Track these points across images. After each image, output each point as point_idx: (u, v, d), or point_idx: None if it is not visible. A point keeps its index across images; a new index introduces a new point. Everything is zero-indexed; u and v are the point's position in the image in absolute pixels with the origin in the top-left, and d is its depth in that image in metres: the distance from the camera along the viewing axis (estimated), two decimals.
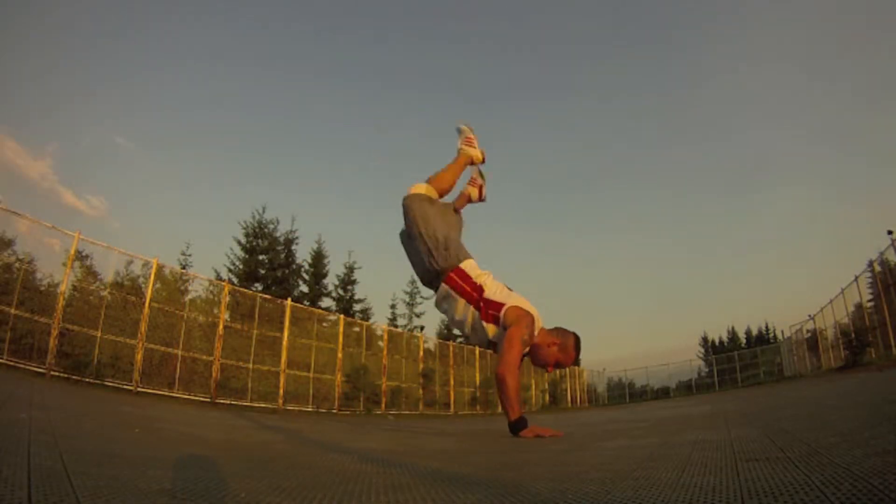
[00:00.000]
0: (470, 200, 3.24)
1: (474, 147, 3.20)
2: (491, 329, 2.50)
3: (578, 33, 55.58)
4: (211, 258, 42.85)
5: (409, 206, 2.78)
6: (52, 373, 7.40)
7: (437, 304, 2.75)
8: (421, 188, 2.91)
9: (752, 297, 59.27)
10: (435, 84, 54.60)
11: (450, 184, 3.04)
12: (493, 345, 2.62)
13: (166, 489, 0.99)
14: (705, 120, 56.22)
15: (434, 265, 2.63)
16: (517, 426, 2.37)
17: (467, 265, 2.67)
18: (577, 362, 2.63)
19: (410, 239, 2.79)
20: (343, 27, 49.61)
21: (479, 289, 2.54)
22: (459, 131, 3.22)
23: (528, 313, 2.48)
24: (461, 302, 2.60)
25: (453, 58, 54.38)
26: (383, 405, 13.59)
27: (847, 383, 5.33)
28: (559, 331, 2.67)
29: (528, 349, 2.56)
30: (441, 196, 3.00)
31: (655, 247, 61.05)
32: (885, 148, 50.85)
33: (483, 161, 3.21)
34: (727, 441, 1.50)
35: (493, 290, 2.58)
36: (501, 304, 2.52)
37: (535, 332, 2.56)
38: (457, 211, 3.15)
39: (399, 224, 3.03)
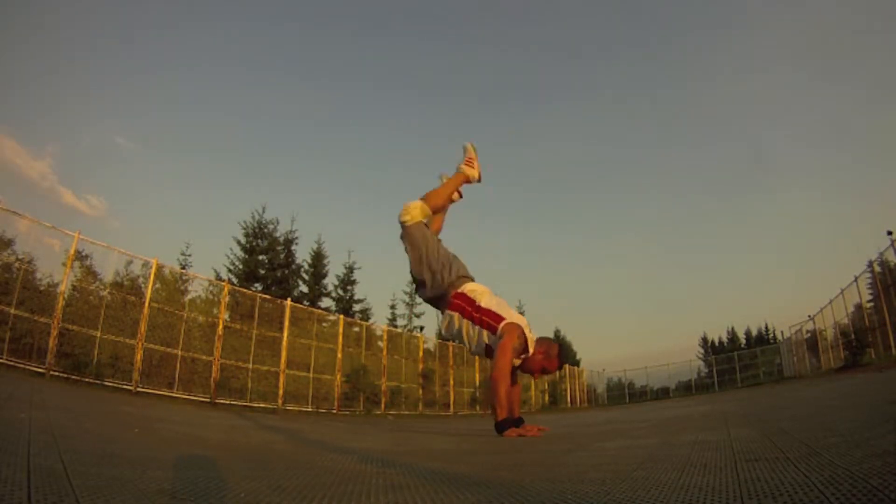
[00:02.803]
0: (468, 181, 3.36)
1: (473, 167, 3.31)
2: (487, 336, 2.73)
3: (578, 33, 55.61)
4: (211, 258, 42.75)
5: (411, 236, 2.93)
6: (52, 373, 7.39)
7: (444, 330, 2.94)
8: (416, 208, 3.03)
9: (752, 298, 59.31)
10: (435, 84, 54.59)
11: (444, 201, 3.19)
12: (490, 350, 2.81)
13: (166, 489, 0.99)
14: (706, 120, 56.27)
15: (438, 290, 2.86)
16: (503, 426, 2.62)
17: (466, 288, 2.92)
18: (560, 368, 2.85)
19: (414, 264, 2.95)
20: (343, 27, 49.63)
21: (478, 307, 2.80)
22: (464, 150, 3.31)
23: (520, 327, 2.74)
24: (465, 323, 2.86)
25: (453, 58, 54.39)
26: (383, 405, 13.59)
27: (847, 384, 5.33)
28: (544, 340, 2.96)
29: (521, 359, 2.80)
30: (435, 212, 3.11)
31: (655, 247, 61.10)
32: (885, 148, 50.87)
33: (479, 180, 3.28)
34: (727, 441, 1.50)
35: (491, 303, 2.84)
36: (501, 318, 2.79)
37: (529, 346, 2.82)
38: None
39: (397, 227, 3.08)
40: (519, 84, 56.31)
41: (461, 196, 3.36)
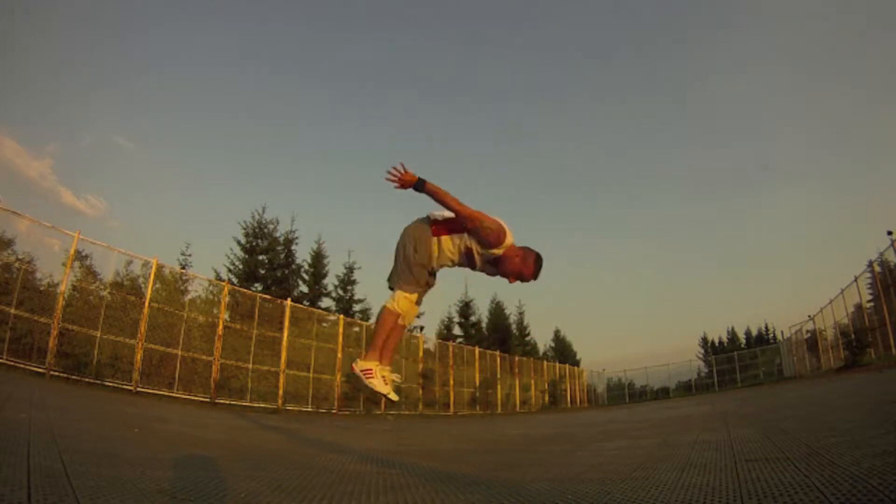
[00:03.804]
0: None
1: (372, 377, 2.83)
2: (473, 242, 2.64)
3: (579, 32, 55.61)
4: (211, 258, 42.74)
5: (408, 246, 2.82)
6: (52, 373, 7.39)
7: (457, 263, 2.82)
8: (400, 302, 2.84)
9: (752, 298, 59.18)
10: (435, 84, 54.59)
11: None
12: (471, 261, 2.74)
13: (166, 489, 0.99)
14: (706, 120, 56.24)
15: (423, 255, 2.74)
16: (419, 185, 2.47)
17: (436, 215, 2.83)
18: (535, 277, 2.71)
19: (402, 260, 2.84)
20: (343, 27, 49.63)
21: (456, 202, 2.68)
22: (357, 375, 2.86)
23: (504, 227, 2.69)
24: (446, 240, 2.78)
25: (453, 57, 54.39)
26: (383, 405, 13.59)
27: (847, 384, 5.32)
28: (524, 248, 2.86)
29: (492, 253, 2.67)
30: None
31: (655, 247, 61.06)
32: (885, 148, 50.85)
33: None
34: (727, 441, 1.50)
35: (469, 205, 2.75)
36: (482, 213, 2.73)
37: (506, 238, 2.72)
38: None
39: (405, 219, 3.01)
40: (518, 84, 56.30)
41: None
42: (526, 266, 2.76)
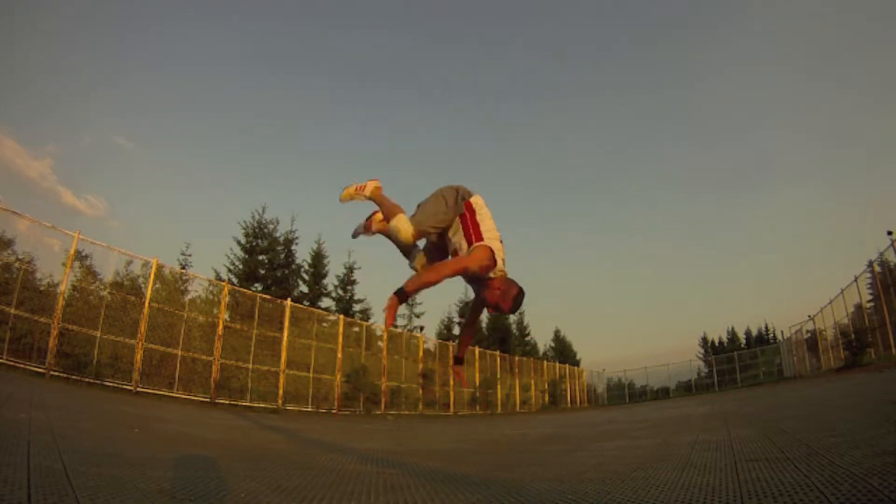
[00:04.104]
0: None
1: (366, 185, 3.13)
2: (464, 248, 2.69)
3: (578, 32, 55.60)
4: (211, 258, 42.75)
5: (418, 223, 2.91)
6: (52, 373, 7.39)
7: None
8: (401, 223, 2.94)
9: (752, 298, 59.13)
10: (435, 83, 54.58)
11: (396, 205, 3.08)
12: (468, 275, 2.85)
13: (166, 489, 0.99)
14: (706, 120, 56.23)
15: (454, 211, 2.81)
16: (402, 295, 2.47)
17: (475, 200, 2.91)
18: (513, 311, 2.83)
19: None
20: (344, 26, 49.62)
21: (474, 214, 2.73)
22: (350, 198, 3.14)
23: (490, 249, 2.68)
24: (460, 231, 2.86)
25: (454, 57, 54.37)
26: (383, 405, 13.59)
27: (847, 384, 5.32)
28: (508, 281, 2.90)
29: (471, 270, 2.74)
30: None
31: (655, 247, 61.04)
32: (885, 148, 50.84)
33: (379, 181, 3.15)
34: (727, 441, 1.50)
35: (487, 224, 2.75)
36: (480, 236, 2.71)
37: (499, 262, 2.78)
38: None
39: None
40: (518, 83, 56.30)
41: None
42: (504, 300, 2.81)
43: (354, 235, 3.20)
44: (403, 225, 2.73)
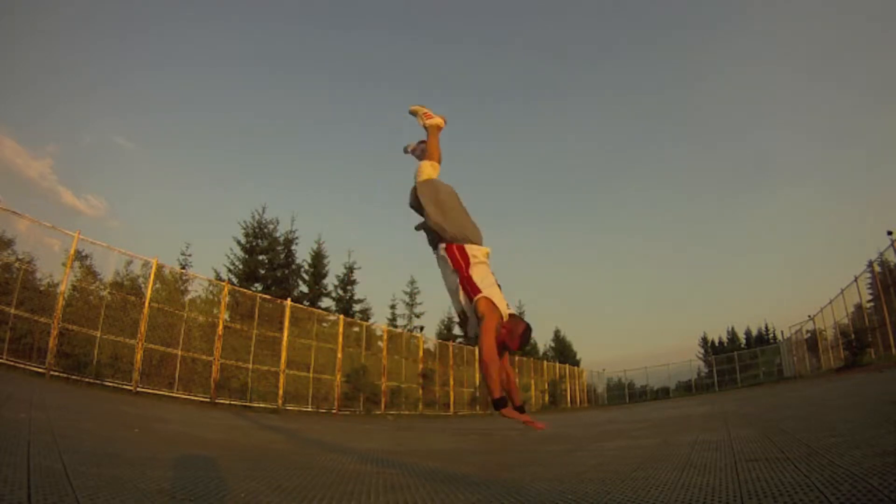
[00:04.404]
0: (441, 127, 3.59)
1: (433, 116, 3.53)
2: (463, 298, 2.86)
3: (578, 32, 55.57)
4: (211, 258, 42.72)
5: (423, 188, 3.13)
6: (52, 373, 7.39)
7: (438, 261, 3.08)
8: (427, 166, 3.24)
9: (752, 298, 59.11)
10: (435, 83, 54.56)
11: (440, 153, 3.41)
12: (463, 317, 2.93)
13: (166, 489, 0.99)
14: (706, 120, 56.20)
15: (443, 230, 3.03)
16: (498, 404, 2.72)
17: (471, 247, 3.06)
18: (521, 348, 2.94)
19: (428, 209, 3.10)
20: (344, 26, 49.60)
21: (468, 267, 2.94)
22: (414, 114, 3.51)
23: (495, 305, 2.79)
24: (451, 269, 3.01)
25: (453, 57, 54.34)
26: (383, 405, 13.59)
27: (847, 384, 5.32)
28: (514, 318, 3.02)
29: (500, 334, 2.87)
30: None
31: (655, 247, 61.02)
32: (885, 148, 50.82)
33: (446, 122, 3.49)
34: (727, 441, 1.50)
35: (477, 273, 2.97)
36: (478, 290, 2.89)
37: (503, 318, 2.92)
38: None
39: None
40: (517, 83, 56.28)
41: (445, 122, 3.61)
42: (511, 339, 2.93)
43: (404, 150, 3.54)
44: (427, 168, 3.03)
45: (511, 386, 3.17)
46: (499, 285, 3.06)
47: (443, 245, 2.99)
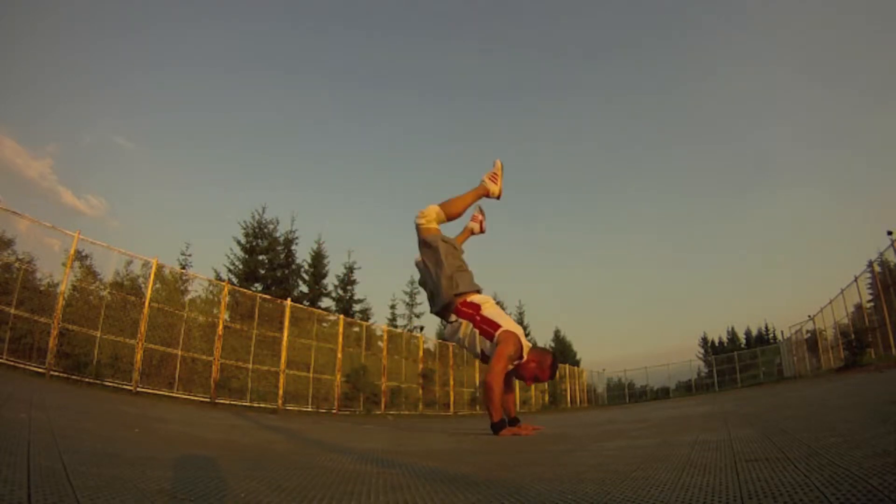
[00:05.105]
0: (472, 233, 3.54)
1: (496, 183, 3.42)
2: (486, 344, 2.91)
3: (579, 32, 55.58)
4: (211, 258, 42.71)
5: (426, 243, 3.10)
6: (52, 373, 7.39)
7: (448, 336, 3.10)
8: (431, 212, 3.19)
9: (752, 298, 59.24)
10: (435, 83, 54.56)
11: (460, 211, 3.32)
12: (485, 357, 2.95)
13: (166, 489, 0.99)
14: (706, 120, 56.22)
15: (445, 298, 3.04)
16: (497, 427, 2.76)
17: (473, 297, 3.10)
18: (552, 377, 3.00)
19: (424, 273, 3.11)
20: (344, 26, 49.60)
21: (481, 315, 2.98)
22: (493, 164, 3.44)
23: (516, 336, 2.90)
24: (464, 324, 3.04)
25: (453, 57, 54.32)
26: (383, 405, 13.58)
27: (847, 384, 5.32)
28: (539, 350, 3.12)
29: (514, 365, 2.95)
30: (448, 219, 3.23)
31: (655, 247, 61.05)
32: (884, 148, 50.83)
33: (499, 197, 3.34)
34: (727, 442, 1.50)
35: (492, 312, 3.04)
36: (498, 325, 2.96)
37: (524, 353, 2.99)
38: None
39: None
40: (517, 83, 56.29)
41: (483, 230, 3.51)
42: (542, 371, 3.01)
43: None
44: (433, 213, 3.09)
45: (510, 398, 3.19)
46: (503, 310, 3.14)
47: (455, 314, 3.01)
